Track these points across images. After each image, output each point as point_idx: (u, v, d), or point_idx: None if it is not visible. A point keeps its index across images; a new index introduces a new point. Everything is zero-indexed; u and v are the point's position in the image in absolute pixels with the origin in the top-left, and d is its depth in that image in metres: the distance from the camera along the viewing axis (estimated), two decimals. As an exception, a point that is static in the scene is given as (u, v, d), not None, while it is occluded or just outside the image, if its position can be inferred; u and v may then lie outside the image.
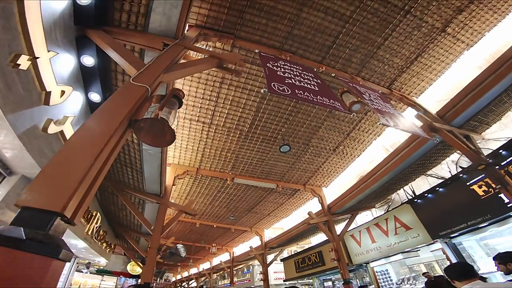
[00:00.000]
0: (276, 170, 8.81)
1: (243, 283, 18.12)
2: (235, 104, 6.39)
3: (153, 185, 6.74)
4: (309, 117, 6.81)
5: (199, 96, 6.18)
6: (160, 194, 7.03)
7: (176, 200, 9.94)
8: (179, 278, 25.87)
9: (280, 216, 12.02)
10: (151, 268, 5.72)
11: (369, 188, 7.71)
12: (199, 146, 7.55)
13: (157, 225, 6.26)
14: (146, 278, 5.55)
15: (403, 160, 6.32)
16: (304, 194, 10.26)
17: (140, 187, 6.89)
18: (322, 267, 10.90)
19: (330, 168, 9.03)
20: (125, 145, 5.69)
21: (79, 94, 4.11)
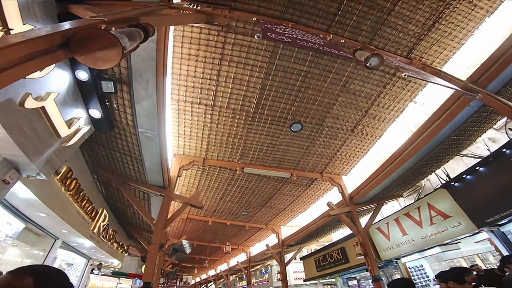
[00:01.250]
0: (289, 157, 8.05)
1: (261, 284, 17.37)
2: (237, 82, 5.90)
3: (156, 175, 6.27)
4: (321, 93, 6.14)
5: (198, 76, 5.76)
6: (164, 185, 6.55)
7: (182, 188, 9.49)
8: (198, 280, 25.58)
9: (297, 210, 11.16)
10: (152, 266, 5.22)
11: (396, 170, 6.72)
12: (204, 132, 7.02)
13: (160, 219, 5.78)
14: (147, 278, 5.06)
15: (434, 136, 5.45)
16: (322, 184, 9.39)
17: (142, 179, 6.46)
18: (345, 265, 9.93)
19: (349, 152, 8.13)
20: (120, 129, 5.27)
21: (66, 73, 3.81)
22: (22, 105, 3.09)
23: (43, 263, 6.58)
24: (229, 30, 5.02)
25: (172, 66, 5.66)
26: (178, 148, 7.37)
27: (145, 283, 5.04)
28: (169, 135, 6.95)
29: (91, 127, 4.67)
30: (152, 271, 5.19)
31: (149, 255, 5.42)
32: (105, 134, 5.39)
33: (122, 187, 6.29)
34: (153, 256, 5.34)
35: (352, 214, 8.14)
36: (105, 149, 5.89)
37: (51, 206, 5.02)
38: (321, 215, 9.38)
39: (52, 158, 4.05)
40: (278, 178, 8.81)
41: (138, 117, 4.97)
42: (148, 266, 5.27)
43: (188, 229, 13.11)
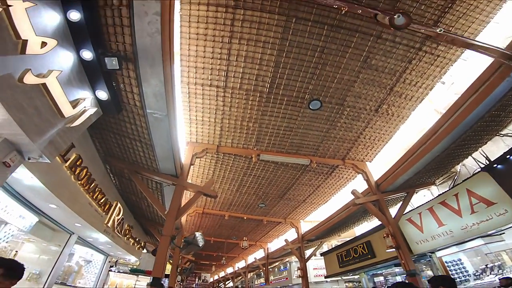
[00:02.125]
0: (308, 142, 7.44)
1: (280, 282, 16.80)
2: (249, 61, 5.53)
3: (167, 162, 5.91)
4: (340, 69, 5.65)
5: (208, 56, 5.45)
6: (176, 174, 6.18)
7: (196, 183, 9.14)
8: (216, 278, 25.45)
9: (318, 202, 10.49)
10: (163, 260, 4.85)
11: (428, 153, 6.02)
12: (216, 116, 6.61)
13: (171, 209, 5.42)
14: (156, 272, 4.70)
15: (470, 112, 4.85)
16: (344, 171, 8.68)
17: (154, 167, 6.13)
18: (371, 260, 9.18)
19: (374, 135, 7.40)
20: (129, 112, 4.95)
21: (70, 53, 3.62)
22: (21, 81, 2.89)
23: (58, 258, 6.44)
24: (237, 6, 4.68)
25: (180, 48, 5.36)
26: (190, 135, 7.01)
27: (155, 278, 4.70)
28: (180, 121, 6.63)
29: (98, 109, 4.40)
30: (163, 266, 4.84)
31: (160, 248, 5.07)
32: (114, 118, 5.12)
33: (133, 176, 5.99)
34: (164, 249, 5.00)
35: (380, 203, 7.40)
36: (115, 135, 5.60)
37: (60, 196, 4.76)
38: (345, 205, 8.68)
39: (55, 140, 3.76)
40: (297, 166, 8.22)
41: (145, 97, 4.64)
42: (158, 260, 4.94)
43: (205, 225, 12.81)
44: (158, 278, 4.76)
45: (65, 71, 3.47)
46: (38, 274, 6.14)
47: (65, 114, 3.60)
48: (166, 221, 5.32)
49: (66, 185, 4.95)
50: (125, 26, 3.70)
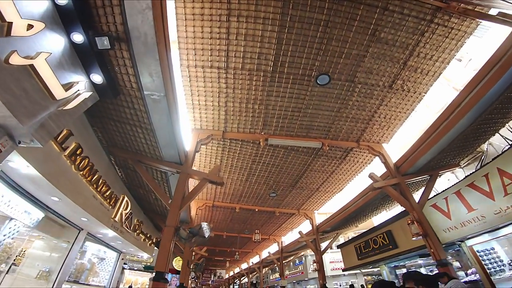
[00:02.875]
0: (319, 123, 6.95)
1: (295, 276, 16.38)
2: (250, 39, 5.22)
3: (170, 149, 5.62)
4: (347, 44, 5.26)
5: (206, 36, 5.17)
6: (180, 161, 5.87)
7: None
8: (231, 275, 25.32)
9: (332, 190, 9.94)
10: (166, 253, 4.55)
11: (453, 127, 5.39)
12: (220, 100, 6.27)
13: (175, 198, 5.13)
14: (159, 266, 4.41)
15: (499, 78, 4.24)
16: (359, 155, 8.11)
17: (157, 155, 5.85)
18: (393, 250, 8.52)
19: (389, 113, 6.83)
20: (126, 96, 4.70)
21: (60, 37, 3.51)
22: (7, 62, 2.76)
23: (68, 255, 6.33)
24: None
25: (177, 30, 5.12)
26: (194, 122, 6.70)
27: (158, 272, 4.39)
28: (182, 107, 6.36)
29: (94, 94, 4.20)
30: (166, 259, 4.53)
31: (163, 240, 4.77)
32: (113, 104, 4.91)
33: (137, 166, 5.74)
34: (168, 241, 4.69)
35: (401, 187, 6.78)
36: (115, 123, 5.38)
37: (60, 187, 4.56)
38: (362, 191, 8.11)
39: (47, 123, 3.55)
40: (308, 150, 7.74)
41: (142, 78, 4.37)
42: (161, 253, 4.64)
43: (216, 219, 12.55)
44: (161, 272, 4.45)
45: (55, 55, 3.34)
46: (48, 272, 6.05)
47: (56, 97, 3.42)
48: (170, 211, 5.03)
49: (67, 176, 4.75)
50: (114, 5, 3.48)
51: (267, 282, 20.69)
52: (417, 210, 6.24)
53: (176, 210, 4.96)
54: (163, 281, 4.45)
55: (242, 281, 23.63)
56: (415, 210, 6.25)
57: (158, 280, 4.44)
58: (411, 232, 6.22)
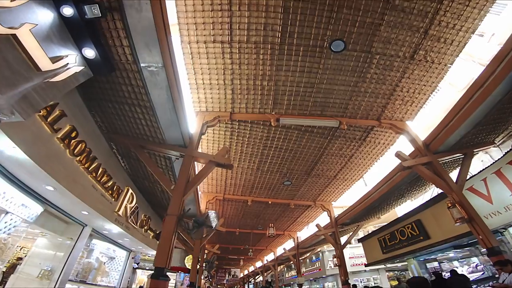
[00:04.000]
0: (334, 99, 6.28)
1: (313, 273, 15.57)
2: (254, 9, 4.74)
3: (173, 130, 5.10)
4: (359, 11, 4.79)
5: (207, 9, 4.73)
6: (184, 143, 5.33)
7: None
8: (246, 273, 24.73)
9: (351, 177, 9.14)
10: (168, 246, 4.00)
11: (490, 95, 4.71)
12: (226, 77, 5.73)
13: (178, 183, 4.59)
14: (159, 261, 3.87)
15: None
16: (381, 135, 7.33)
17: (159, 138, 5.34)
18: (425, 242, 7.65)
19: (413, 87, 6.11)
20: (122, 71, 4.27)
21: (48, 10, 3.29)
22: None
23: (71, 253, 5.91)
24: None
25: (175, 4, 4.73)
26: (199, 103, 6.17)
27: (157, 268, 3.83)
28: (185, 87, 5.84)
29: (86, 69, 3.83)
30: (168, 252, 3.94)
31: (164, 230, 4.21)
32: (109, 83, 4.50)
33: (139, 152, 5.25)
34: (169, 232, 4.10)
35: (435, 166, 5.96)
36: (113, 105, 4.94)
37: (53, 174, 4.09)
38: (387, 175, 7.30)
39: (30, 95, 3.19)
40: (324, 131, 7.04)
41: (137, 49, 3.93)
42: (161, 246, 4.07)
43: (228, 214, 11.97)
44: (161, 268, 3.85)
45: (43, 27, 3.09)
46: (50, 271, 5.64)
47: (41, 68, 3.10)
48: (172, 198, 4.48)
49: (61, 162, 4.28)
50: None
51: (283, 280, 19.93)
52: (457, 192, 5.41)
53: (179, 196, 4.40)
54: (163, 279, 3.88)
55: (257, 280, 22.95)
56: (454, 191, 5.42)
57: (157, 277, 3.83)
58: (452, 217, 5.37)
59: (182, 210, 4.46)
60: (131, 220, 6.74)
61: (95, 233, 6.95)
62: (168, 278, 3.99)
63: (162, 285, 3.83)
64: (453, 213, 5.43)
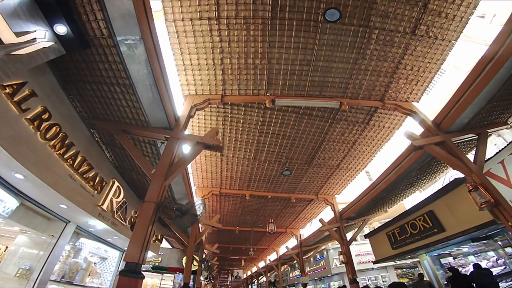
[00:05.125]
0: (333, 78, 5.83)
1: (317, 272, 14.93)
2: None
3: (157, 110, 4.64)
4: None
5: None
6: (170, 125, 4.86)
7: (206, 157, 7.77)
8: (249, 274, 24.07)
9: (355, 166, 8.59)
10: (142, 236, 3.50)
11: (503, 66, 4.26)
12: (215, 56, 5.31)
13: (160, 166, 4.11)
14: (131, 255, 3.39)
15: None
16: (386, 117, 6.82)
17: (142, 120, 4.88)
18: (439, 235, 6.96)
19: (417, 64, 5.71)
20: (98, 47, 3.89)
21: None
22: None
23: (52, 251, 5.43)
24: None
25: None
26: (188, 86, 5.72)
27: (128, 263, 3.28)
28: (172, 69, 5.45)
29: (58, 46, 3.52)
30: (142, 245, 3.39)
31: (140, 219, 3.70)
32: (85, 62, 4.11)
33: (120, 137, 4.79)
34: (145, 221, 3.58)
35: (449, 145, 5.40)
36: (91, 86, 4.52)
37: (21, 159, 3.64)
38: (396, 160, 6.71)
39: None
40: (324, 114, 6.55)
41: (112, 22, 3.57)
42: (136, 236, 3.51)
43: (225, 210, 11.42)
44: (133, 263, 3.27)
45: (11, 4, 2.84)
46: (28, 270, 5.17)
47: (4, 40, 2.85)
48: (152, 182, 3.99)
49: (30, 146, 3.83)
50: None
51: (287, 280, 19.23)
52: (477, 172, 4.83)
53: (159, 181, 3.91)
54: (135, 276, 3.24)
55: (260, 280, 22.27)
56: (474, 172, 4.84)
57: (127, 274, 3.19)
58: (475, 202, 4.76)
59: (163, 197, 3.95)
60: (118, 216, 6.26)
61: (81, 231, 6.48)
62: (141, 276, 3.37)
63: (133, 284, 3.22)
64: (475, 197, 4.82)
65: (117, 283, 3.22)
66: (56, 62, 4.06)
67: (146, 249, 3.50)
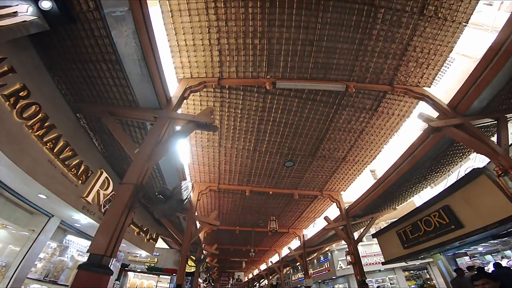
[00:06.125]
0: (338, 60, 5.43)
1: (321, 275, 14.25)
2: None
3: (145, 87, 4.22)
4: None
5: None
6: (160, 105, 4.42)
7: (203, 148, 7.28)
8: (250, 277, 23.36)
9: (363, 159, 8.04)
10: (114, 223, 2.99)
11: None
12: (211, 36, 4.94)
13: (144, 146, 3.68)
14: (97, 246, 2.84)
15: None
16: (396, 103, 6.37)
17: (130, 100, 4.47)
18: (457, 232, 6.22)
19: (427, 46, 5.32)
20: (84, 22, 3.59)
21: None
22: None
23: (31, 247, 4.97)
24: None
25: None
26: (182, 69, 5.32)
27: (92, 256, 2.75)
28: (166, 51, 5.07)
29: (40, 20, 3.30)
30: (112, 234, 2.86)
31: (114, 203, 3.22)
32: (70, 39, 3.82)
33: (107, 119, 4.35)
34: (120, 205, 3.08)
35: (469, 128, 4.92)
36: (77, 65, 4.14)
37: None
38: (408, 149, 6.15)
39: None
40: (329, 99, 6.11)
41: None
42: (106, 223, 3.00)
43: (225, 208, 10.89)
44: (98, 255, 2.74)
45: None
46: (4, 267, 4.69)
47: None
48: (132, 163, 3.54)
49: (3, 123, 3.42)
50: None
51: (289, 283, 18.49)
52: (504, 155, 4.33)
53: (141, 162, 3.46)
54: (99, 272, 2.67)
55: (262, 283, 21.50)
56: (501, 155, 4.33)
57: (89, 268, 2.64)
58: (504, 187, 4.24)
59: (145, 179, 3.48)
60: (107, 210, 5.77)
61: (67, 227, 6.03)
62: (107, 272, 2.80)
63: (96, 281, 2.61)
64: (505, 182, 4.30)
65: (74, 279, 2.63)
66: (42, 41, 3.84)
67: (118, 240, 2.96)
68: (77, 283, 2.56)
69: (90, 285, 2.56)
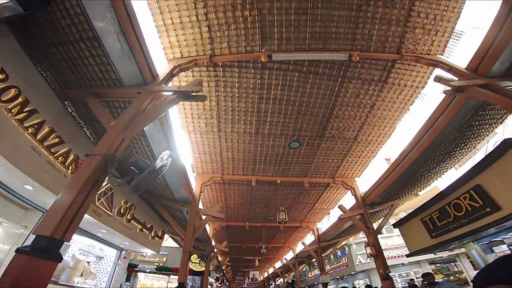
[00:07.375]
0: (337, 28, 4.93)
1: (339, 271, 13.45)
2: None
3: (128, 64, 3.91)
4: None
5: None
6: (144, 80, 4.09)
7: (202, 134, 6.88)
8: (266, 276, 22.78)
9: (377, 139, 7.35)
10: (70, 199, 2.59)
11: None
12: (198, 11, 4.59)
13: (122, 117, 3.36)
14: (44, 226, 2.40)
15: None
16: (407, 73, 5.74)
17: (113, 78, 4.16)
18: (493, 215, 5.14)
19: (431, 12, 4.81)
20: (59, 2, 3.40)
21: None
22: None
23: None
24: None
25: None
26: (172, 49, 5.00)
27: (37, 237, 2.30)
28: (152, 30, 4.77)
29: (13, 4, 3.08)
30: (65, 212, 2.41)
31: (76, 175, 2.82)
32: (48, 22, 3.64)
33: (91, 101, 4.07)
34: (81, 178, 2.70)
35: (496, 88, 4.24)
36: (57, 48, 3.93)
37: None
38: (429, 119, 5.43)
39: None
40: (332, 72, 5.57)
41: None
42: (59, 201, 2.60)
43: (232, 203, 10.45)
44: (44, 238, 2.27)
45: None
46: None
47: None
48: (106, 133, 3.20)
49: (-22, 106, 3.22)
50: None
51: (306, 280, 17.71)
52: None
53: (116, 131, 3.11)
54: (42, 256, 2.19)
55: (277, 282, 20.82)
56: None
57: (29, 252, 2.14)
58: None
59: (119, 152, 3.10)
60: (101, 204, 5.51)
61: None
62: (55, 258, 2.33)
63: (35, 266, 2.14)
64: None
65: (8, 265, 2.14)
66: (21, 28, 3.70)
67: (74, 220, 2.52)
68: (12, 269, 2.06)
69: (29, 272, 2.09)
